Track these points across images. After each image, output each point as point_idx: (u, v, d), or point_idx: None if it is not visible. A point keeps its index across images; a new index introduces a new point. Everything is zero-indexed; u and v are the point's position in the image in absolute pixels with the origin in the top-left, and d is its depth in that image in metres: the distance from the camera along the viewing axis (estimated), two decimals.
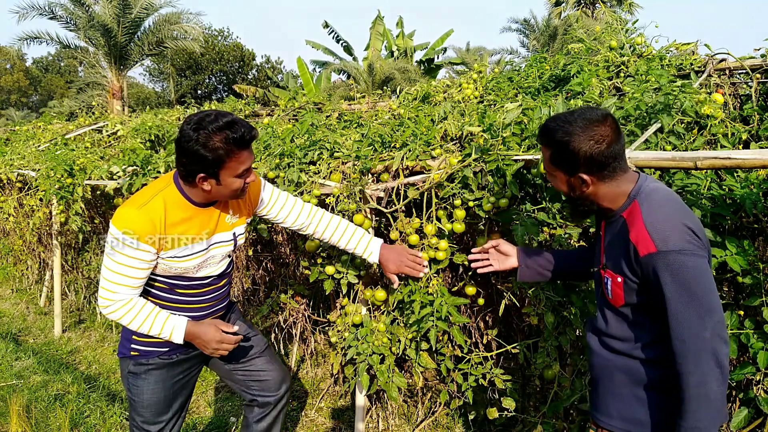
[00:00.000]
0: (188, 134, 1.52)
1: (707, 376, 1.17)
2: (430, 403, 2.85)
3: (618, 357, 1.37)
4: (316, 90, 15.97)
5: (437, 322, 2.00)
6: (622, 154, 1.31)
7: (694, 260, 1.20)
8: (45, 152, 4.76)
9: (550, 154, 1.36)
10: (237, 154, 1.56)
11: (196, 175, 1.57)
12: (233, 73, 32.34)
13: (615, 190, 1.33)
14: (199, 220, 1.71)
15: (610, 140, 1.28)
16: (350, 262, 2.27)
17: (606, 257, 1.38)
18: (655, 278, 1.22)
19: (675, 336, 1.20)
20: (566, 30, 21.56)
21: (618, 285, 1.32)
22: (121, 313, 1.66)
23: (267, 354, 2.04)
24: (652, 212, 1.25)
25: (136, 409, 1.83)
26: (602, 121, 1.28)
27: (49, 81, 38.96)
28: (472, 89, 3.41)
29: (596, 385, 1.45)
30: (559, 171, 1.37)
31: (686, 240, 1.21)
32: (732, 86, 2.70)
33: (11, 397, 3.04)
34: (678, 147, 1.96)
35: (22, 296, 5.40)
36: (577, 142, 1.28)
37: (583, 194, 1.36)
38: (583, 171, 1.31)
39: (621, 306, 1.35)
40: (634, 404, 1.34)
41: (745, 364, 1.70)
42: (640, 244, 1.24)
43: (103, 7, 16.48)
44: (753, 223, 1.87)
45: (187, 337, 1.74)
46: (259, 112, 4.71)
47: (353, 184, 2.27)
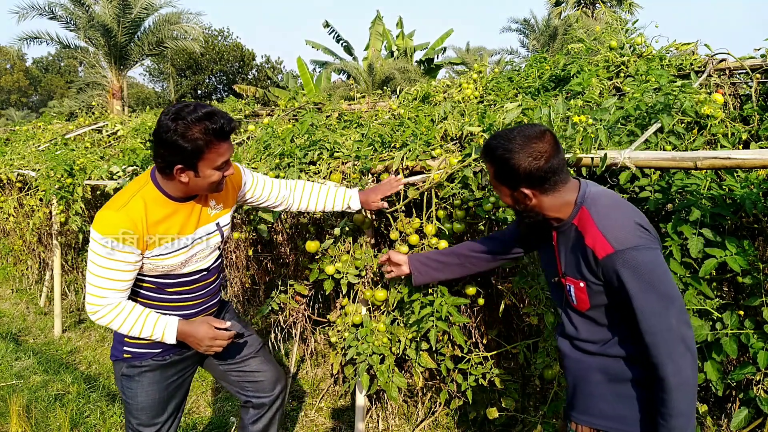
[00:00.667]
0: (166, 125, 1.50)
1: (680, 362, 1.23)
2: (430, 403, 2.85)
3: (592, 357, 1.41)
4: (316, 90, 15.96)
5: (437, 322, 2.00)
6: (562, 167, 1.37)
7: (649, 254, 1.26)
8: (45, 152, 4.76)
9: (493, 171, 1.42)
10: (216, 146, 1.56)
11: (174, 166, 1.55)
12: (233, 73, 32.35)
13: (559, 200, 1.38)
14: (181, 215, 1.69)
15: (548, 155, 1.33)
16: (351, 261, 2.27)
17: (564, 266, 1.43)
18: (616, 277, 1.27)
19: (644, 329, 1.25)
20: (566, 30, 21.56)
21: (581, 290, 1.37)
22: (111, 317, 1.64)
23: (262, 354, 2.01)
24: (602, 215, 1.32)
25: (132, 411, 1.81)
26: (540, 138, 1.34)
27: (49, 81, 38.96)
28: (472, 89, 3.41)
29: (574, 388, 1.47)
30: (503, 186, 1.43)
31: (639, 236, 1.28)
32: (732, 86, 2.70)
33: (11, 397, 3.04)
34: (678, 147, 1.96)
35: (22, 296, 5.40)
36: (517, 159, 1.34)
37: (527, 207, 1.41)
38: (525, 186, 1.37)
39: (588, 310, 1.39)
40: (614, 401, 1.37)
41: (745, 364, 1.70)
42: (597, 247, 1.29)
43: (103, 7, 16.48)
44: (753, 223, 1.86)
45: (179, 336, 1.72)
46: (259, 112, 4.71)
47: (353, 184, 2.27)
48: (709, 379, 1.74)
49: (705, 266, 1.68)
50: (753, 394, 1.73)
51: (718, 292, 1.87)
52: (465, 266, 1.85)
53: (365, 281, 2.32)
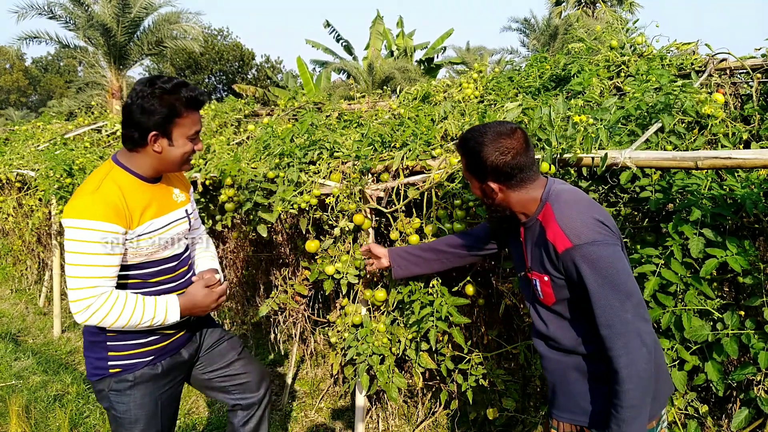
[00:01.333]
0: (142, 90, 1.53)
1: (635, 355, 1.25)
2: (430, 403, 2.84)
3: (567, 356, 1.45)
4: (316, 89, 15.96)
5: (437, 323, 2.00)
6: (530, 165, 1.41)
7: (607, 249, 1.29)
8: (44, 152, 4.75)
9: (465, 162, 1.47)
10: (191, 113, 1.59)
11: (149, 133, 1.56)
12: (233, 72, 32.34)
13: (525, 197, 1.43)
14: (155, 195, 1.68)
15: (515, 152, 1.38)
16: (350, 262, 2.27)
17: (531, 260, 1.47)
18: (575, 271, 1.31)
19: (601, 323, 1.29)
20: (567, 29, 21.55)
21: (546, 284, 1.41)
22: (106, 309, 1.52)
23: (245, 356, 2.00)
24: (563, 211, 1.36)
25: (124, 425, 1.71)
26: (510, 135, 1.39)
27: (49, 81, 38.94)
28: (472, 89, 3.41)
29: (554, 387, 1.50)
30: (473, 178, 1.48)
31: (597, 232, 1.31)
32: (733, 86, 2.69)
33: (11, 398, 3.04)
34: (679, 147, 1.96)
35: (21, 296, 5.39)
36: (485, 152, 1.39)
37: (495, 201, 1.46)
38: (492, 179, 1.42)
39: (553, 304, 1.43)
40: (592, 397, 1.40)
41: (745, 365, 1.69)
42: (557, 241, 1.33)
43: (102, 6, 16.46)
44: (754, 223, 1.86)
45: (183, 308, 1.67)
46: (258, 112, 4.69)
47: (353, 184, 2.26)
48: (710, 380, 1.74)
49: (706, 266, 1.68)
50: (753, 394, 1.73)
51: (718, 293, 1.87)
52: (442, 261, 1.90)
53: (365, 281, 2.32)
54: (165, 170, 1.71)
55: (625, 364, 1.25)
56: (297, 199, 2.36)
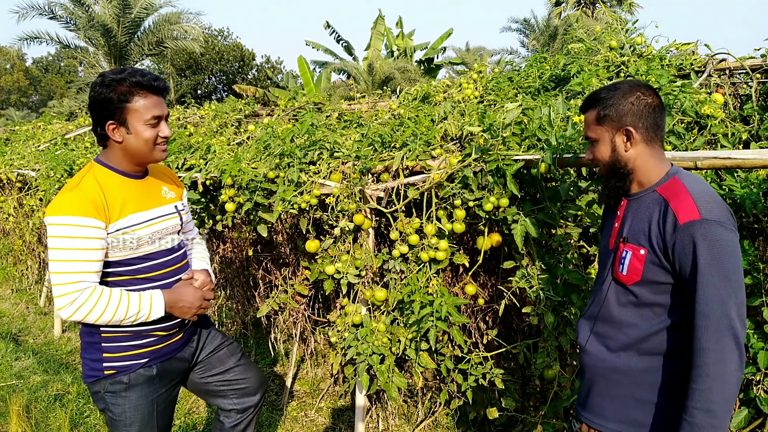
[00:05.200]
0: (94, 84, 1.61)
1: (726, 354, 1.13)
2: (430, 403, 2.85)
3: (615, 355, 1.33)
4: (316, 90, 15.96)
5: (437, 322, 2.00)
6: (663, 128, 1.33)
7: (732, 236, 1.19)
8: (45, 152, 4.76)
9: (595, 114, 1.36)
10: (142, 95, 1.61)
11: (106, 123, 1.60)
12: (233, 73, 32.33)
13: (654, 162, 1.32)
14: (137, 190, 1.69)
15: (654, 103, 1.31)
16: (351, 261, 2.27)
17: (627, 230, 1.33)
18: (691, 248, 1.18)
19: (699, 311, 1.16)
20: (566, 30, 21.56)
21: (639, 258, 1.28)
22: (90, 304, 1.53)
23: (244, 362, 1.99)
24: (697, 185, 1.26)
25: (119, 427, 1.70)
26: (647, 87, 1.33)
27: (49, 81, 38.96)
28: (472, 89, 3.41)
29: (589, 386, 1.40)
30: (603, 129, 1.35)
31: (727, 216, 1.22)
32: (732, 86, 2.70)
33: (11, 397, 3.04)
34: (678, 147, 1.96)
35: (21, 296, 5.39)
36: (623, 95, 1.32)
37: (623, 157, 1.33)
38: (630, 122, 1.31)
39: (635, 284, 1.29)
40: (631, 405, 1.30)
41: (745, 364, 1.70)
42: (681, 211, 1.21)
43: (103, 7, 16.49)
44: (753, 223, 1.87)
45: (168, 304, 1.67)
46: (259, 112, 4.70)
47: (353, 184, 2.27)
48: None
49: None
50: (753, 394, 1.73)
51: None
52: None
53: (365, 281, 2.32)
54: (139, 161, 1.70)
55: (713, 361, 1.13)
56: (297, 199, 2.36)
